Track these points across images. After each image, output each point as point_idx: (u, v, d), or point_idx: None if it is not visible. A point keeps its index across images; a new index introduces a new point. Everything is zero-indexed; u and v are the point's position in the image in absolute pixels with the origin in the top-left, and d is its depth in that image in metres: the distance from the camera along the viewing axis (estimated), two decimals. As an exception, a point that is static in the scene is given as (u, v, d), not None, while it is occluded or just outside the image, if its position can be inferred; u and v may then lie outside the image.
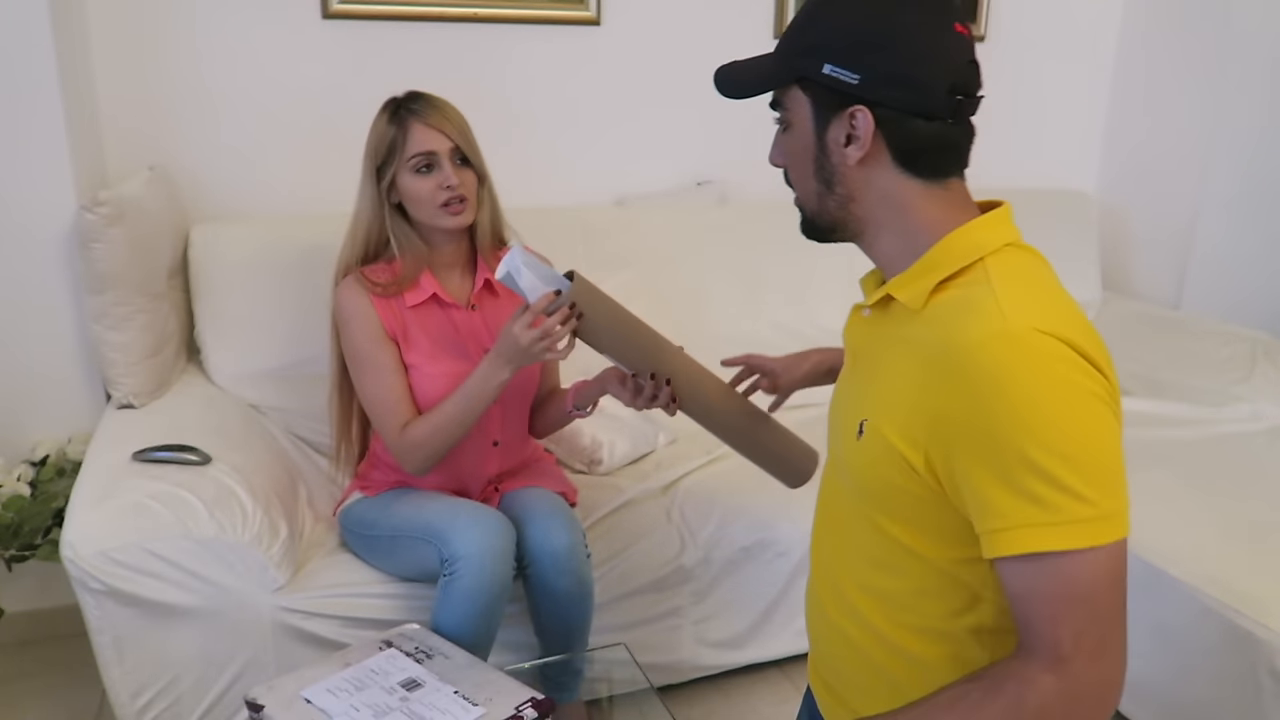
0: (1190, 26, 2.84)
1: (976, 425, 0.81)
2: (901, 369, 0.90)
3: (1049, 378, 0.80)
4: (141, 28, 2.15)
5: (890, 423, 0.89)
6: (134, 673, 1.59)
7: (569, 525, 1.67)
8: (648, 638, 1.88)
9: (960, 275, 0.90)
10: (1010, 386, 0.80)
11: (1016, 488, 0.80)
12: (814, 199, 0.97)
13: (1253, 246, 2.83)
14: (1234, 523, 1.85)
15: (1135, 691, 1.85)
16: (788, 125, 0.97)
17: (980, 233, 0.92)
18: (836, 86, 0.90)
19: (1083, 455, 0.80)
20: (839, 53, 0.90)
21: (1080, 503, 0.79)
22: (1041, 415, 0.79)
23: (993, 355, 0.81)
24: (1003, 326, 0.82)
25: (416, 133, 1.60)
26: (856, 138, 0.91)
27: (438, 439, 1.60)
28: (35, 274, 1.95)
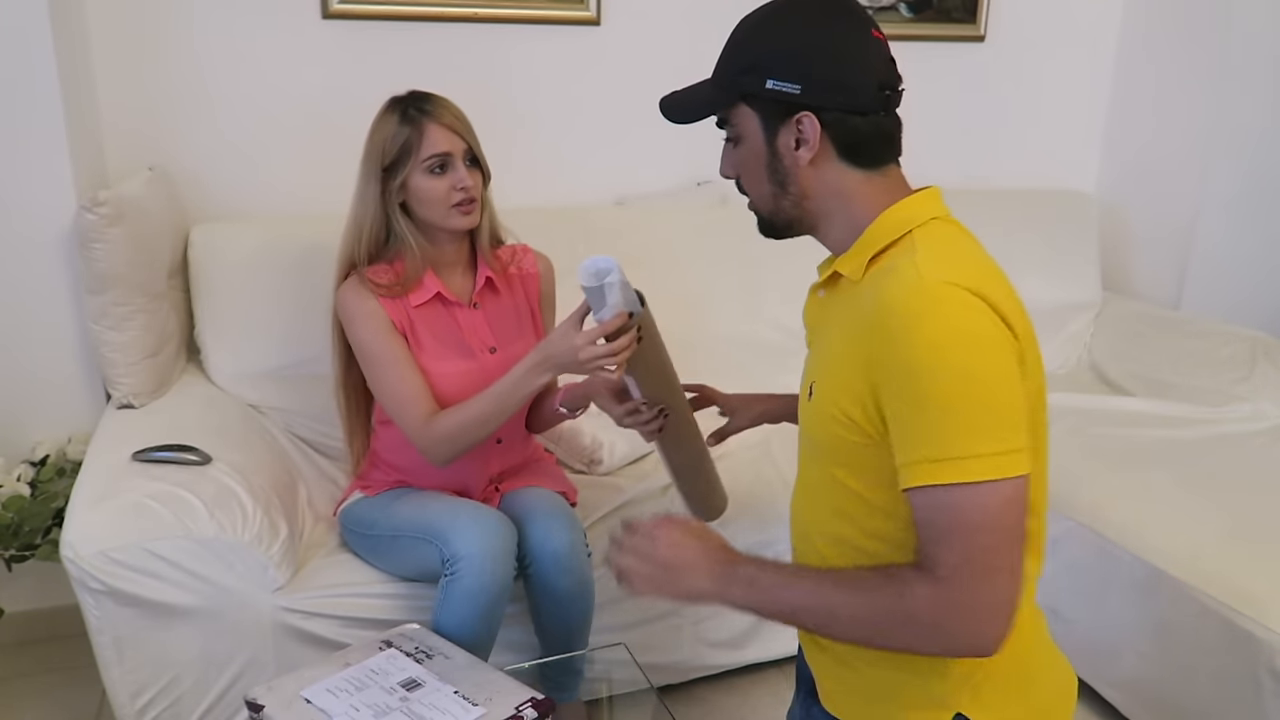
0: (1191, 27, 2.83)
1: (895, 368, 0.92)
2: (842, 333, 1.01)
3: (953, 323, 0.90)
4: (141, 28, 2.15)
5: (833, 381, 1.01)
6: (134, 673, 1.59)
7: (570, 525, 1.67)
8: (648, 638, 1.88)
9: (892, 247, 1.01)
10: (918, 331, 0.90)
11: (920, 423, 0.90)
12: (770, 200, 1.07)
13: (1253, 246, 2.84)
14: (1234, 523, 1.85)
15: (1135, 691, 1.85)
16: (737, 139, 1.07)
17: (908, 209, 1.03)
18: (781, 98, 1.01)
19: (978, 395, 0.89)
20: (778, 68, 1.01)
21: (973, 439, 0.88)
22: (943, 357, 0.89)
23: (906, 304, 0.92)
24: (917, 282, 0.93)
25: (432, 133, 1.60)
26: (805, 140, 1.02)
27: (466, 434, 1.59)
28: (35, 274, 1.95)
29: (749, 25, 1.06)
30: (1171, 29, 2.89)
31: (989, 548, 0.89)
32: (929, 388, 0.89)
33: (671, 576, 1.03)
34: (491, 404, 1.55)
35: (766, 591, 0.99)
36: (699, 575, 1.02)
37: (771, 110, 1.03)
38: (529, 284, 1.79)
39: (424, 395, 1.63)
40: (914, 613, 0.91)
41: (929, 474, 0.90)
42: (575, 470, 2.13)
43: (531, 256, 1.81)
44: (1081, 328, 2.86)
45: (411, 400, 1.62)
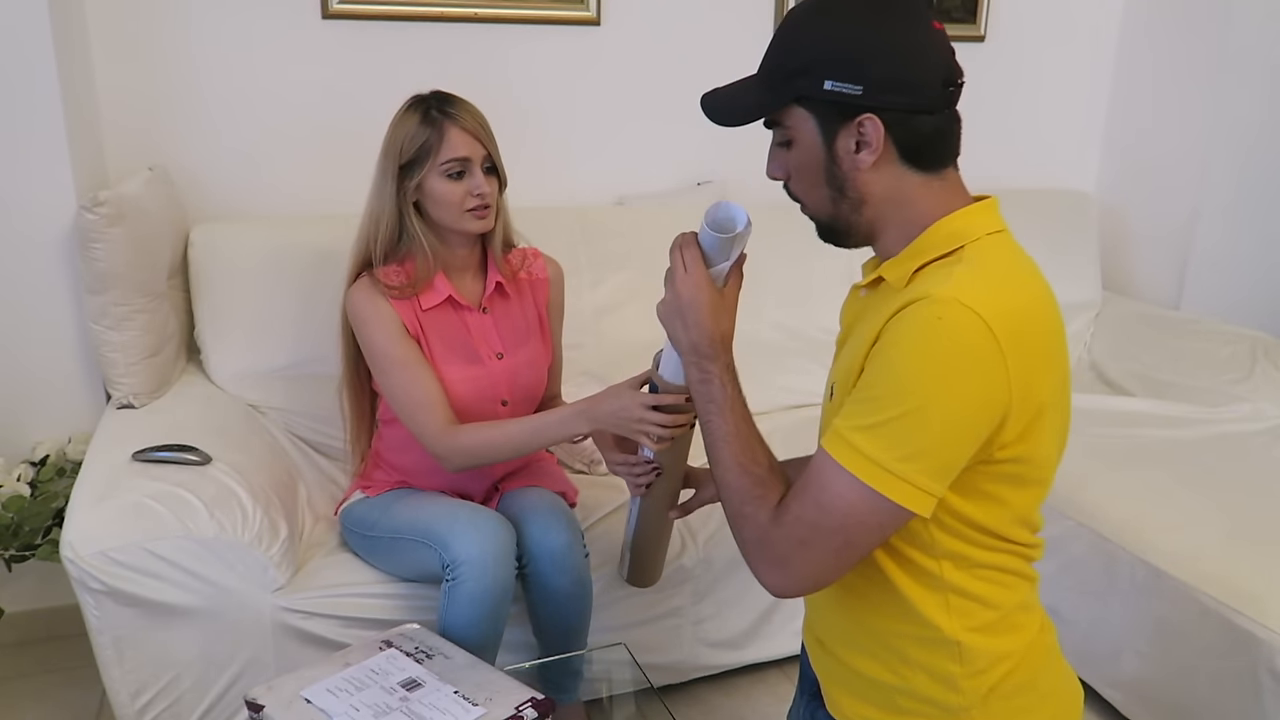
0: (1190, 27, 2.83)
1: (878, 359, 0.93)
2: (866, 335, 0.97)
3: (942, 341, 0.89)
4: (141, 28, 2.15)
5: (848, 383, 0.98)
6: (134, 673, 1.59)
7: (568, 524, 1.67)
8: (648, 638, 1.88)
9: (942, 259, 0.97)
10: (910, 338, 0.90)
11: (867, 411, 0.91)
12: (828, 206, 1.02)
13: (1252, 246, 2.83)
14: (1234, 522, 1.85)
15: (1135, 691, 1.85)
16: (789, 142, 1.02)
17: (964, 221, 0.99)
18: (840, 100, 0.96)
19: (927, 423, 0.88)
20: (836, 68, 0.95)
21: (894, 454, 0.89)
22: (918, 374, 0.89)
23: (914, 310, 0.91)
24: (938, 290, 0.90)
25: (453, 137, 1.59)
26: (867, 143, 0.96)
27: (490, 454, 1.60)
28: (35, 274, 1.95)
29: (800, 20, 0.99)
30: (1171, 29, 2.89)
31: (823, 531, 0.93)
32: (892, 390, 0.90)
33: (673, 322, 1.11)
34: (526, 436, 1.56)
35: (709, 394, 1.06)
36: (686, 334, 1.09)
37: (830, 113, 0.97)
38: (539, 290, 1.79)
39: (441, 401, 1.62)
40: (745, 513, 0.99)
41: (842, 452, 0.91)
42: (575, 470, 2.13)
43: (541, 261, 1.81)
44: (1081, 328, 2.86)
45: (427, 405, 1.61)
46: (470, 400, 1.66)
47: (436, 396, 1.62)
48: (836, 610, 1.10)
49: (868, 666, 1.06)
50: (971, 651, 1.00)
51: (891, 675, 1.04)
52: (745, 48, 2.67)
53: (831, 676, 1.13)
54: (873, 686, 1.07)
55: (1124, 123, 3.06)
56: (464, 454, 1.59)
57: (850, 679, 1.09)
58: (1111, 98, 3.08)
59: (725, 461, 1.02)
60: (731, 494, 1.01)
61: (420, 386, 1.62)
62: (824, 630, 1.14)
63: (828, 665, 1.13)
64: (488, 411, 1.69)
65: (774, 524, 0.96)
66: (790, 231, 2.85)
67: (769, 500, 0.98)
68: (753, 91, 1.03)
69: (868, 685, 1.07)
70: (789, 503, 0.96)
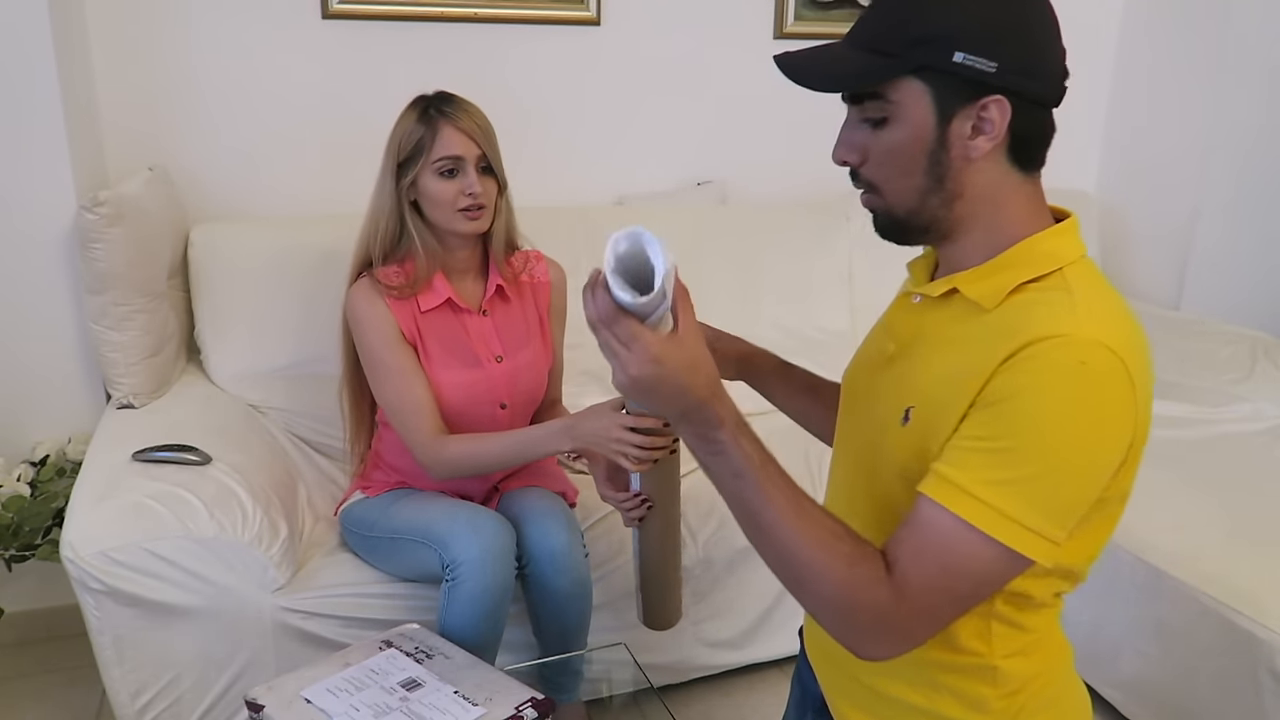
0: (1190, 26, 2.83)
1: (1013, 404, 0.82)
2: (959, 364, 0.87)
3: (1089, 390, 0.81)
4: (141, 28, 2.15)
5: (939, 409, 0.88)
6: (134, 673, 1.59)
7: (567, 525, 1.67)
8: (648, 638, 1.88)
9: (1039, 280, 0.89)
10: (1053, 383, 0.81)
11: (1000, 463, 0.81)
12: (915, 196, 0.90)
13: (1252, 246, 2.83)
14: (1234, 522, 1.85)
15: (1135, 691, 1.85)
16: (883, 120, 0.89)
17: (1059, 240, 0.91)
18: (971, 76, 0.85)
19: (1067, 478, 0.82)
20: (974, 40, 0.85)
21: (1014, 503, 0.81)
22: (1064, 428, 0.81)
23: (1051, 352, 0.81)
24: (1074, 329, 0.82)
25: (446, 135, 1.59)
26: (985, 130, 0.87)
27: (474, 466, 1.63)
28: (35, 274, 1.95)
29: None
30: (1171, 29, 2.89)
31: (953, 597, 0.85)
32: (1033, 445, 0.81)
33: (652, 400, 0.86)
34: (510, 451, 1.59)
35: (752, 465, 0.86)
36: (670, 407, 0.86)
37: (952, 89, 0.86)
38: (540, 293, 1.79)
39: (430, 409, 1.63)
40: (858, 599, 0.84)
41: (969, 508, 0.82)
42: (575, 471, 2.12)
43: (544, 264, 1.80)
44: (1081, 328, 2.86)
45: (416, 412, 1.62)
46: (469, 403, 1.66)
47: (426, 405, 1.63)
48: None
49: (891, 687, 1.01)
50: (1006, 675, 0.96)
51: (919, 697, 0.99)
52: (745, 48, 2.69)
53: (845, 694, 1.07)
54: (894, 706, 1.01)
55: (1123, 122, 3.06)
56: (448, 465, 1.61)
57: (869, 699, 1.04)
58: (1111, 97, 3.09)
59: (792, 544, 0.85)
60: (821, 582, 0.85)
61: (411, 394, 1.63)
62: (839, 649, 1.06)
63: (840, 683, 1.08)
64: (486, 414, 1.70)
65: (898, 602, 0.83)
66: (790, 231, 2.86)
67: (875, 573, 0.84)
68: (855, 57, 0.88)
69: (889, 705, 1.02)
70: (906, 572, 0.83)
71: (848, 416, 1.06)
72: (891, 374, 0.98)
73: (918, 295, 0.98)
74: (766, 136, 2.68)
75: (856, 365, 1.07)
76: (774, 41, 2.62)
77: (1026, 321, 0.84)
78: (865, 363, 1.05)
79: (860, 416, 1.02)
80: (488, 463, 1.63)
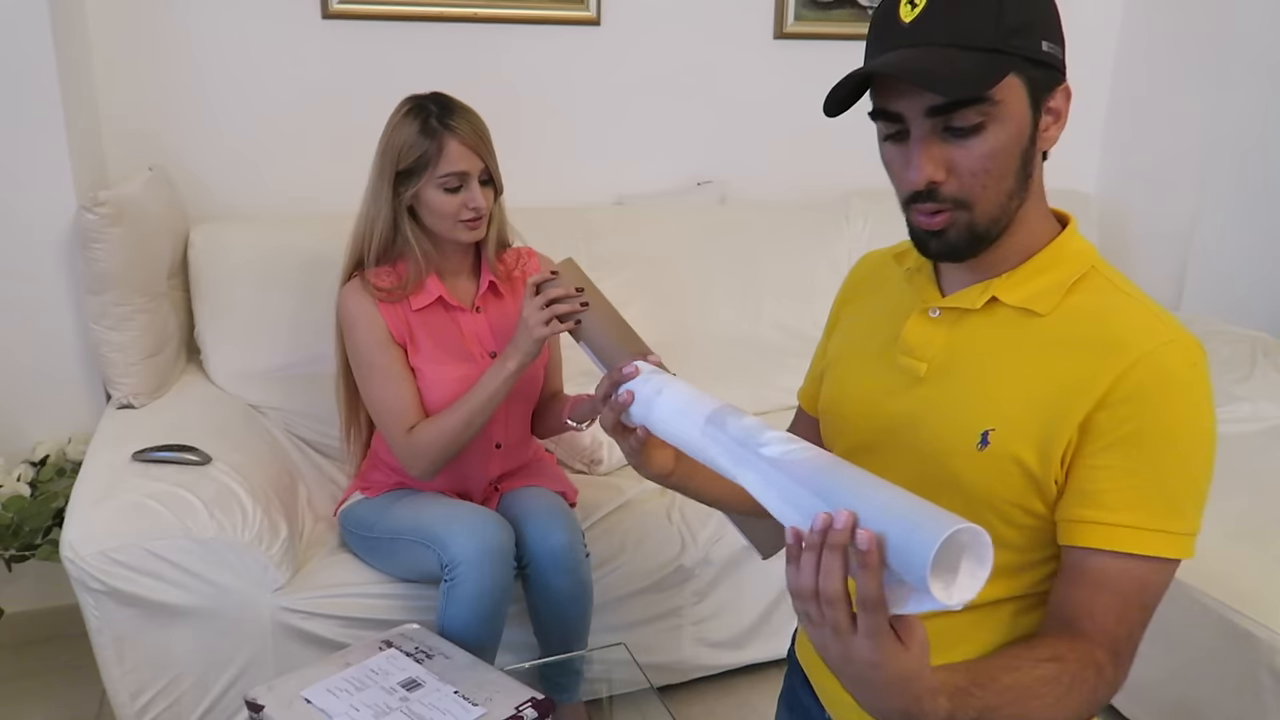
0: (1190, 27, 2.83)
1: (1145, 425, 0.81)
2: (1048, 383, 0.84)
3: (1209, 394, 0.82)
4: (141, 28, 2.15)
5: (1031, 435, 0.84)
6: (134, 673, 1.59)
7: (567, 525, 1.67)
8: (648, 638, 1.88)
9: (1080, 282, 0.88)
10: (1182, 394, 0.81)
11: (1154, 488, 0.81)
12: (1003, 203, 0.85)
13: (1253, 246, 2.83)
14: (1234, 523, 1.85)
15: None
16: (980, 125, 0.81)
17: (1080, 239, 0.91)
18: (1053, 64, 0.84)
19: (1209, 473, 0.83)
20: (1050, 27, 0.83)
21: (1183, 519, 0.82)
22: (1204, 431, 0.82)
23: (1166, 359, 0.81)
24: (1170, 333, 0.82)
25: (453, 151, 1.58)
26: (1057, 119, 0.86)
27: (441, 443, 1.60)
28: (35, 274, 1.95)
29: None
30: (1171, 30, 2.89)
31: (1145, 626, 0.84)
32: (1175, 458, 0.81)
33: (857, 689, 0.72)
34: (467, 410, 1.58)
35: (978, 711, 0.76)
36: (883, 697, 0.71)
37: (1040, 81, 0.83)
38: None
39: (413, 410, 1.64)
40: (1104, 699, 0.83)
41: (1140, 542, 0.81)
42: (575, 470, 2.13)
43: (536, 260, 1.81)
44: (1081, 328, 2.86)
45: (396, 412, 1.63)
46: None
47: (406, 405, 1.63)
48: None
49: None
50: None
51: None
52: (745, 48, 2.69)
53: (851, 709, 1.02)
54: None
55: (1123, 123, 3.06)
56: (423, 455, 1.61)
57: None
58: (1111, 98, 3.08)
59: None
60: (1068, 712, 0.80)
61: (392, 395, 1.63)
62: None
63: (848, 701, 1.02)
64: None
65: (1117, 665, 0.83)
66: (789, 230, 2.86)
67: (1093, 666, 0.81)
68: (965, 56, 0.80)
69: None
70: (1114, 633, 0.82)
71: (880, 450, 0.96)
72: (932, 395, 0.92)
73: (936, 309, 0.93)
74: (766, 136, 2.68)
75: (866, 392, 0.98)
76: (774, 42, 2.62)
77: (1115, 332, 0.83)
78: (881, 389, 0.97)
79: (902, 446, 0.94)
80: (453, 433, 1.60)
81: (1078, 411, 0.82)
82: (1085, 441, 0.83)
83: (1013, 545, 0.89)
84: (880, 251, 1.10)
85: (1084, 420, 0.82)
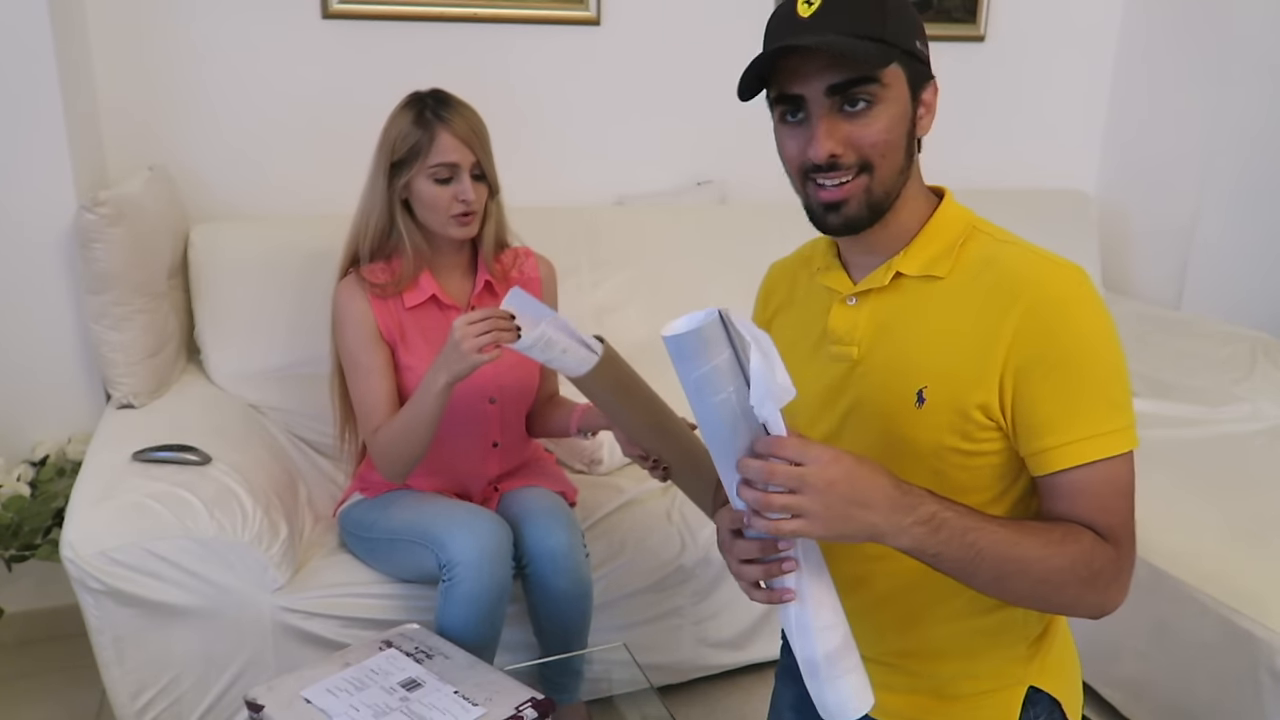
0: (1190, 26, 2.84)
1: (1055, 350, 0.92)
2: (963, 335, 0.96)
3: (1101, 306, 0.94)
4: (141, 28, 2.15)
5: (957, 381, 0.95)
6: (134, 673, 1.59)
7: (567, 525, 1.67)
8: (648, 638, 1.88)
9: (968, 242, 1.00)
10: (1081, 315, 0.93)
11: (1081, 402, 0.91)
12: (896, 177, 0.97)
13: (1253, 246, 2.84)
14: (1234, 522, 1.85)
15: (1135, 691, 1.85)
16: (872, 103, 0.94)
17: (957, 207, 1.03)
18: (923, 60, 0.97)
19: (1123, 373, 0.94)
20: (920, 30, 0.97)
21: (1120, 414, 0.92)
22: (1104, 339, 0.93)
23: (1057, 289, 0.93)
24: (1054, 267, 0.94)
25: (443, 142, 1.59)
26: (931, 110, 0.99)
27: (394, 443, 1.59)
28: (35, 274, 1.95)
29: None
30: (1171, 29, 2.89)
31: (1131, 511, 0.94)
32: (1093, 368, 0.92)
33: (852, 511, 0.83)
34: (411, 415, 1.56)
35: (952, 534, 0.86)
36: (874, 511, 0.84)
37: (915, 73, 0.97)
38: (529, 289, 1.78)
39: (380, 408, 1.63)
40: (1099, 571, 0.91)
41: (1096, 449, 0.91)
42: (575, 470, 2.12)
43: (533, 260, 1.81)
44: (1081, 328, 2.86)
45: (368, 410, 1.64)
46: (456, 397, 1.65)
47: (382, 405, 1.63)
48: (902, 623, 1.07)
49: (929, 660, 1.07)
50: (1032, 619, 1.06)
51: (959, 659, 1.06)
52: (745, 48, 2.68)
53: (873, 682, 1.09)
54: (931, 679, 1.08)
55: (1124, 122, 3.06)
56: (381, 453, 1.61)
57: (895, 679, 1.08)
58: (1111, 97, 3.09)
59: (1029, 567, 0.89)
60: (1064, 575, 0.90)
61: (369, 391, 1.64)
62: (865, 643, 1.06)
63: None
64: (476, 408, 1.70)
65: (1119, 550, 0.93)
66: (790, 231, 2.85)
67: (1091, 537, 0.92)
68: (859, 43, 0.91)
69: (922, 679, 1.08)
70: (1109, 525, 0.92)
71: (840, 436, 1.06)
72: (868, 373, 1.02)
73: (852, 297, 1.04)
74: (766, 136, 2.67)
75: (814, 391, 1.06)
76: (774, 41, 2.62)
77: (1008, 279, 0.95)
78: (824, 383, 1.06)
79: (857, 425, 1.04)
80: (400, 438, 1.58)
81: (996, 352, 0.93)
82: (1016, 382, 0.93)
83: (971, 487, 0.98)
84: (783, 261, 1.24)
85: (1004, 361, 0.93)
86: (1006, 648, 1.05)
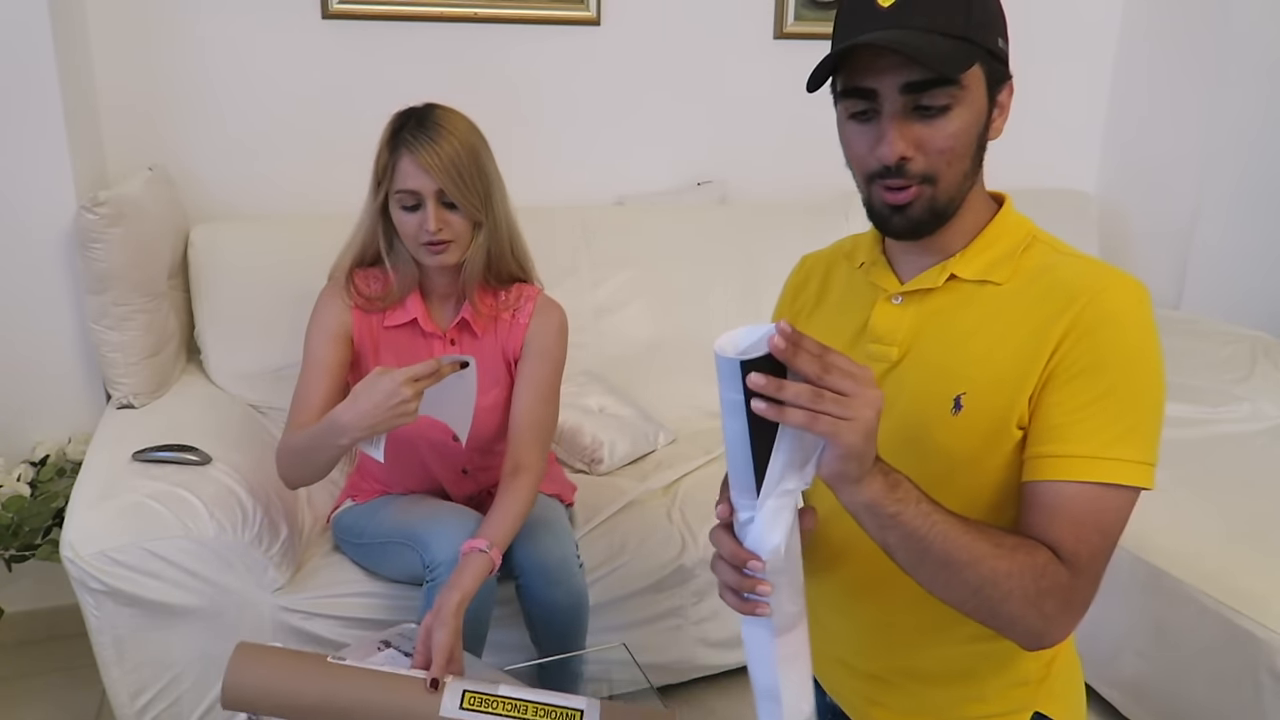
0: (1190, 27, 2.84)
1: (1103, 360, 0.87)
2: (1009, 342, 0.92)
3: (1151, 322, 0.89)
4: (141, 27, 2.15)
5: (1001, 393, 0.91)
6: (134, 673, 1.59)
7: (559, 538, 1.64)
8: (648, 638, 1.88)
9: (1027, 250, 0.96)
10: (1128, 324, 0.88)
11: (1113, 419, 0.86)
12: (961, 182, 0.93)
13: (1253, 246, 2.84)
14: (1234, 522, 1.85)
15: (1135, 691, 1.85)
16: (947, 107, 0.89)
17: (1019, 214, 1.00)
18: (1004, 60, 0.93)
19: (1156, 406, 0.88)
20: (1004, 27, 0.92)
21: (1136, 447, 0.86)
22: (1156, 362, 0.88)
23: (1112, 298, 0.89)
24: (1113, 276, 0.90)
25: (404, 168, 1.49)
26: (1005, 112, 0.95)
27: (291, 455, 1.52)
28: (35, 274, 1.95)
29: None
30: (1171, 29, 2.89)
31: (1109, 554, 0.88)
32: (1125, 386, 0.86)
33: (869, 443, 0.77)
34: (307, 442, 1.47)
35: (908, 496, 0.81)
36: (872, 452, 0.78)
37: (995, 74, 0.91)
38: (514, 334, 1.66)
39: (305, 408, 1.56)
40: (1047, 590, 0.84)
41: (1096, 471, 0.86)
42: (575, 470, 2.12)
43: (530, 308, 1.66)
44: (1081, 328, 2.86)
45: (300, 407, 1.57)
46: (415, 432, 1.59)
47: (305, 405, 1.56)
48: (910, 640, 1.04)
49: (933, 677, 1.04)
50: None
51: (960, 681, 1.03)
52: (745, 48, 2.69)
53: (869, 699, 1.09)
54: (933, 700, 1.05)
55: (1124, 123, 3.06)
56: (285, 457, 1.54)
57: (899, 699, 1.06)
58: (1111, 97, 3.09)
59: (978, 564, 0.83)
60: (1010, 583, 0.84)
61: (302, 387, 1.59)
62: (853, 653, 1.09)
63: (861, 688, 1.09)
64: (438, 440, 1.66)
65: (1075, 577, 0.86)
66: (790, 231, 2.86)
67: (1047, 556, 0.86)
68: (941, 41, 0.86)
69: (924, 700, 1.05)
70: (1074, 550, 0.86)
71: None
72: (906, 375, 0.98)
73: (899, 296, 1.00)
74: (766, 136, 2.68)
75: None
76: (774, 41, 2.62)
77: (1064, 286, 0.90)
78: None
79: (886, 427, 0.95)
80: (303, 453, 1.50)
81: (1040, 358, 0.89)
82: (1047, 383, 0.89)
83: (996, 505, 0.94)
84: (819, 254, 1.17)
85: (1045, 365, 0.89)
86: (1015, 671, 1.02)
